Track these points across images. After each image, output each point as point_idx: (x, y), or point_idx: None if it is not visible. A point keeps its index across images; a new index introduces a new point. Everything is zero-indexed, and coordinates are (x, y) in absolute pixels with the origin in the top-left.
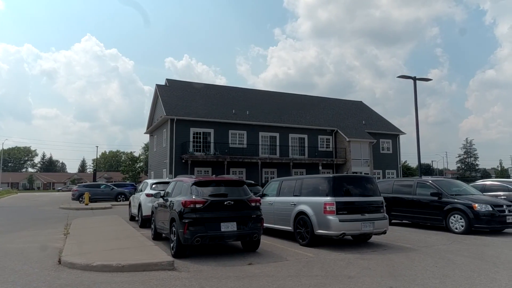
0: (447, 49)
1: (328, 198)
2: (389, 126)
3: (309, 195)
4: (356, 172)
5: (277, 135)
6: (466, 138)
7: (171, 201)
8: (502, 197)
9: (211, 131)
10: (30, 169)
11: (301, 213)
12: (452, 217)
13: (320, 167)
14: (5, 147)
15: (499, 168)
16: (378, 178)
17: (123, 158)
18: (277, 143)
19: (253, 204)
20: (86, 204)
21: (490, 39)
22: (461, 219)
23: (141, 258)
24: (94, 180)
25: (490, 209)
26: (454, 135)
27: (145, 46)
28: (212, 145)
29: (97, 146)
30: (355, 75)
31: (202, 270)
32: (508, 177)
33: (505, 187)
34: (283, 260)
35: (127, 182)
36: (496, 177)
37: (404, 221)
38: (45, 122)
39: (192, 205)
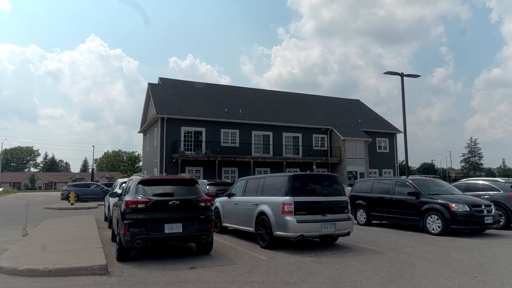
0: (452, 47)
1: (287, 197)
2: (386, 124)
3: (270, 195)
4: (351, 172)
5: (270, 134)
6: (471, 137)
7: (121, 200)
8: (486, 197)
9: (203, 130)
10: (32, 169)
11: (262, 213)
12: (429, 218)
13: (314, 166)
14: (8, 147)
15: (502, 167)
16: (370, 177)
17: (124, 158)
18: (271, 142)
19: (202, 204)
20: (72, 204)
21: (496, 37)
22: (437, 219)
23: (75, 261)
24: (92, 179)
25: (468, 209)
26: (460, 134)
27: (149, 46)
28: (203, 144)
29: (93, 146)
30: (360, 74)
31: (136, 274)
32: (508, 176)
33: (488, 186)
34: (231, 264)
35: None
36: (499, 177)
37: (384, 222)
38: (51, 122)
39: (133, 205)
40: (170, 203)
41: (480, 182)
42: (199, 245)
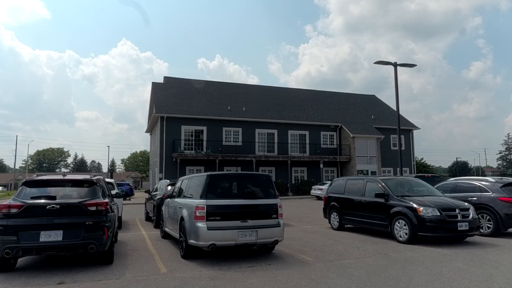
0: (490, 40)
1: (201, 200)
2: (402, 120)
3: (190, 197)
4: (362, 170)
5: (275, 132)
6: (508, 134)
7: None
8: (473, 198)
9: (204, 128)
10: (63, 169)
11: (182, 218)
12: (396, 223)
13: (321, 165)
14: (40, 149)
15: None
16: (389, 176)
17: (139, 158)
18: (275, 140)
19: (91, 208)
20: None
21: None
22: (405, 225)
23: None
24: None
25: (438, 213)
26: (499, 131)
27: (178, 48)
28: (204, 143)
29: (108, 146)
30: (391, 71)
31: None
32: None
33: (476, 187)
34: (113, 278)
35: (125, 181)
36: None
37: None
38: (87, 124)
39: (5, 210)
40: (48, 207)
41: (469, 182)
42: (100, 254)
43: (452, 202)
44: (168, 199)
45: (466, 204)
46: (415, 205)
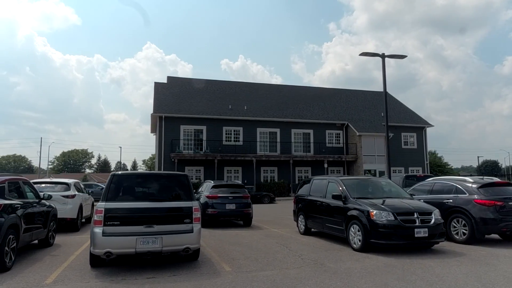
0: None
1: (100, 203)
2: (414, 118)
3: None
4: (369, 170)
5: (277, 130)
6: None
7: None
8: (449, 201)
9: (203, 128)
10: (88, 170)
11: None
12: (351, 228)
13: (326, 165)
14: (65, 150)
15: None
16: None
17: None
18: (278, 140)
19: None
20: None
21: None
22: (359, 231)
23: None
24: None
25: (392, 218)
26: None
27: (202, 49)
28: (204, 142)
29: (120, 147)
30: (419, 68)
31: None
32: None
33: (453, 187)
34: None
35: None
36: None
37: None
38: (115, 126)
39: None
40: None
41: (446, 182)
42: None
43: (412, 205)
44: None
45: (430, 207)
46: (368, 208)
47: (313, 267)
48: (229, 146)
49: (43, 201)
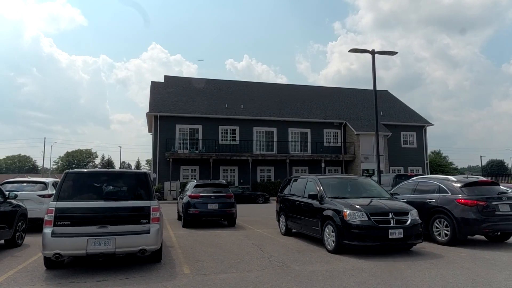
0: None
1: (51, 202)
2: (414, 117)
3: None
4: (367, 170)
5: (274, 130)
6: None
7: None
8: (432, 200)
9: (199, 127)
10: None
11: None
12: (326, 228)
13: (323, 164)
14: (69, 150)
15: None
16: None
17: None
18: (274, 139)
19: None
20: None
21: None
22: (332, 231)
23: None
24: None
25: (366, 218)
26: None
27: (207, 49)
28: (200, 142)
29: (120, 147)
30: (425, 67)
31: None
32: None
33: (436, 187)
34: None
35: None
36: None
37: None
38: (121, 126)
39: None
40: None
41: (429, 181)
42: None
43: (388, 205)
44: None
45: (407, 207)
46: (342, 208)
47: (277, 270)
48: (225, 145)
49: (9, 200)
